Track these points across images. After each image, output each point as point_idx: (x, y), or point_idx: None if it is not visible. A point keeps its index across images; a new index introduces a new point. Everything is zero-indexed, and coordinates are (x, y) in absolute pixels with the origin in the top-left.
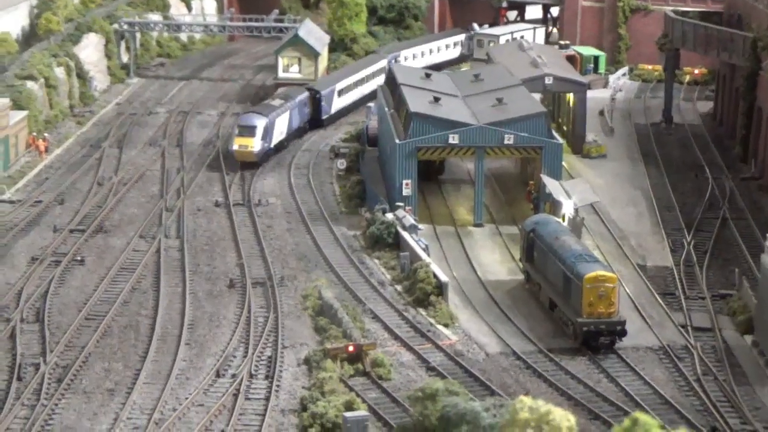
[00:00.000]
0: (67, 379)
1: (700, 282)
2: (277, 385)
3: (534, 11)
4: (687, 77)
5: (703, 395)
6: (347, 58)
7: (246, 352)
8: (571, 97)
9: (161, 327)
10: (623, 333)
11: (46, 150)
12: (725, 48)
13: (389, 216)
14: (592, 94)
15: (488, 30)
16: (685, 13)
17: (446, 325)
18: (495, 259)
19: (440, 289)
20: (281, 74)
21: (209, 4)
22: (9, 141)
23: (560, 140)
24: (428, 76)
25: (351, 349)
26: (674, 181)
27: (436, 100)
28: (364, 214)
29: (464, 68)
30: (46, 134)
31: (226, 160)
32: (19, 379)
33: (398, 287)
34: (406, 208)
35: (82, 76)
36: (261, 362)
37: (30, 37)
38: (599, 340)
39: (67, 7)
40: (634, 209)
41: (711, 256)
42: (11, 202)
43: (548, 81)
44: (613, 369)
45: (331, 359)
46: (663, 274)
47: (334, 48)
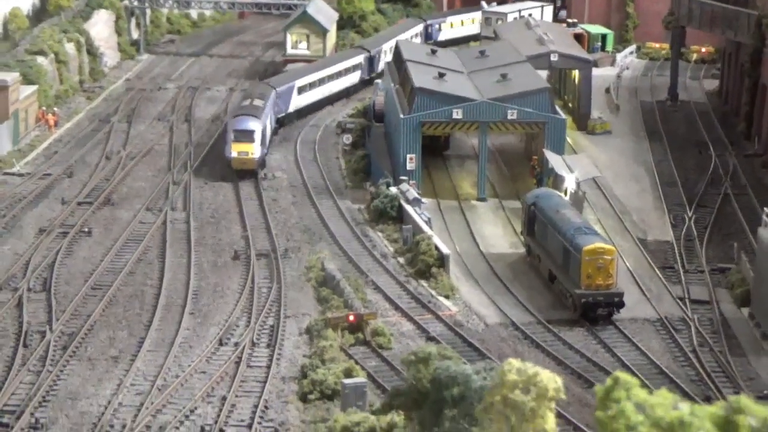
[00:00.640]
0: (73, 347)
1: (699, 256)
2: (279, 354)
3: None
4: (694, 55)
5: (698, 365)
6: (356, 36)
7: (249, 322)
8: (576, 74)
9: (166, 297)
10: (621, 304)
11: (56, 124)
12: (730, 26)
13: (393, 190)
14: (599, 72)
15: (496, 8)
16: None
17: (447, 297)
18: (497, 233)
19: (442, 261)
20: (290, 51)
21: None
22: (19, 115)
23: (563, 116)
24: (434, 52)
25: (351, 318)
26: (678, 157)
27: (441, 75)
28: (368, 188)
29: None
30: (55, 109)
31: None
32: (25, 345)
33: (400, 259)
34: (410, 182)
35: (93, 52)
36: (263, 331)
37: (40, 13)
38: (597, 311)
39: None
40: (637, 185)
41: (711, 231)
42: (20, 175)
43: (554, 58)
44: (611, 340)
45: (332, 328)
46: (663, 248)
47: (342, 25)
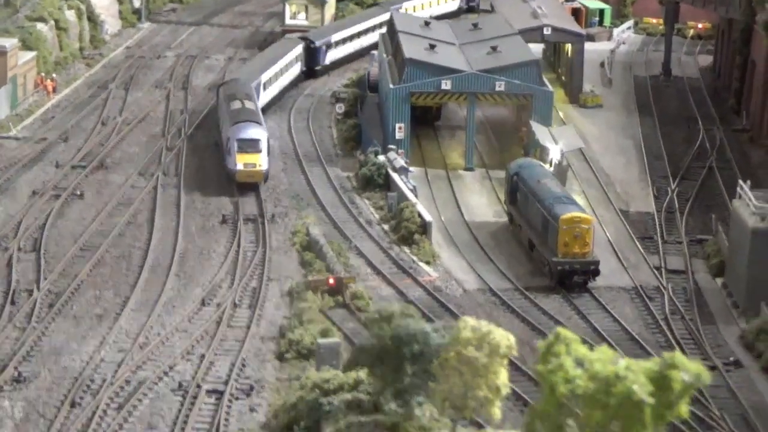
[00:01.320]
0: (59, 305)
1: (679, 227)
2: (259, 315)
3: None
4: (691, 31)
5: (668, 333)
6: (355, 7)
7: (232, 284)
8: (569, 47)
9: (153, 259)
10: (596, 273)
11: (54, 90)
12: (722, 2)
13: (381, 158)
14: (595, 46)
15: None
16: None
17: (428, 263)
18: (482, 202)
19: (424, 228)
20: (288, 21)
21: None
22: (17, 80)
23: (550, 88)
24: (427, 24)
25: (331, 281)
26: (667, 131)
27: (432, 47)
28: (358, 156)
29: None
30: (54, 75)
31: None
32: (12, 303)
33: (385, 226)
34: (399, 151)
35: (93, 20)
36: (246, 293)
37: None
38: (573, 278)
39: None
40: (623, 157)
41: (693, 204)
42: (17, 139)
43: (547, 31)
44: (585, 307)
45: (312, 291)
46: (644, 219)
47: None
